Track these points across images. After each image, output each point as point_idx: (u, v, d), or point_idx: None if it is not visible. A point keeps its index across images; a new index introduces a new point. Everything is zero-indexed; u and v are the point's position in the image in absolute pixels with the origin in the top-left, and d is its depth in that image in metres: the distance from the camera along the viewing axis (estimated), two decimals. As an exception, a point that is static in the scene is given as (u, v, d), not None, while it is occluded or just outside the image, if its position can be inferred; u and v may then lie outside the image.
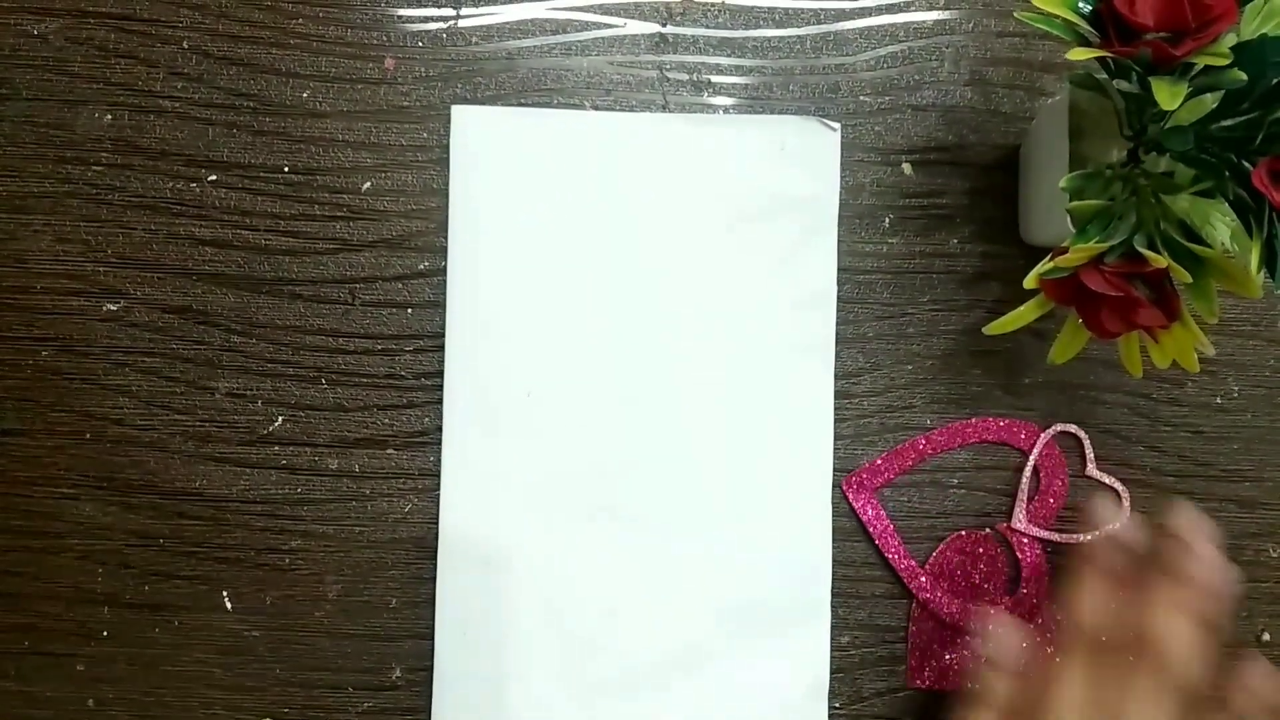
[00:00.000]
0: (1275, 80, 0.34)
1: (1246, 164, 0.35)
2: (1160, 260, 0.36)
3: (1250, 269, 0.36)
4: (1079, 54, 0.35)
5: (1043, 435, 0.48)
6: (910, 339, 0.48)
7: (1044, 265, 0.38)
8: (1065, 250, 0.38)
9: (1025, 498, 0.48)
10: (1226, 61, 0.34)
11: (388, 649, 0.47)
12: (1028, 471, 0.48)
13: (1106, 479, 0.48)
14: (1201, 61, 0.34)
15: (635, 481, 0.47)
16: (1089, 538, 0.47)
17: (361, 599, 0.47)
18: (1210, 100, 0.36)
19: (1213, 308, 0.38)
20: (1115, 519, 0.43)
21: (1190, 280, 0.37)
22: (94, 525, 0.47)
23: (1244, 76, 0.34)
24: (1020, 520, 0.47)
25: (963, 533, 0.48)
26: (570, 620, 0.47)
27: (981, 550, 0.48)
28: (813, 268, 0.48)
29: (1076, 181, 0.38)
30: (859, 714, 0.47)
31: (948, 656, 0.47)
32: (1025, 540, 0.47)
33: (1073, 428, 0.48)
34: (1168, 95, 0.34)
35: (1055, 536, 0.47)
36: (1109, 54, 0.35)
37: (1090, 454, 0.48)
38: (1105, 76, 0.39)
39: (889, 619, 0.48)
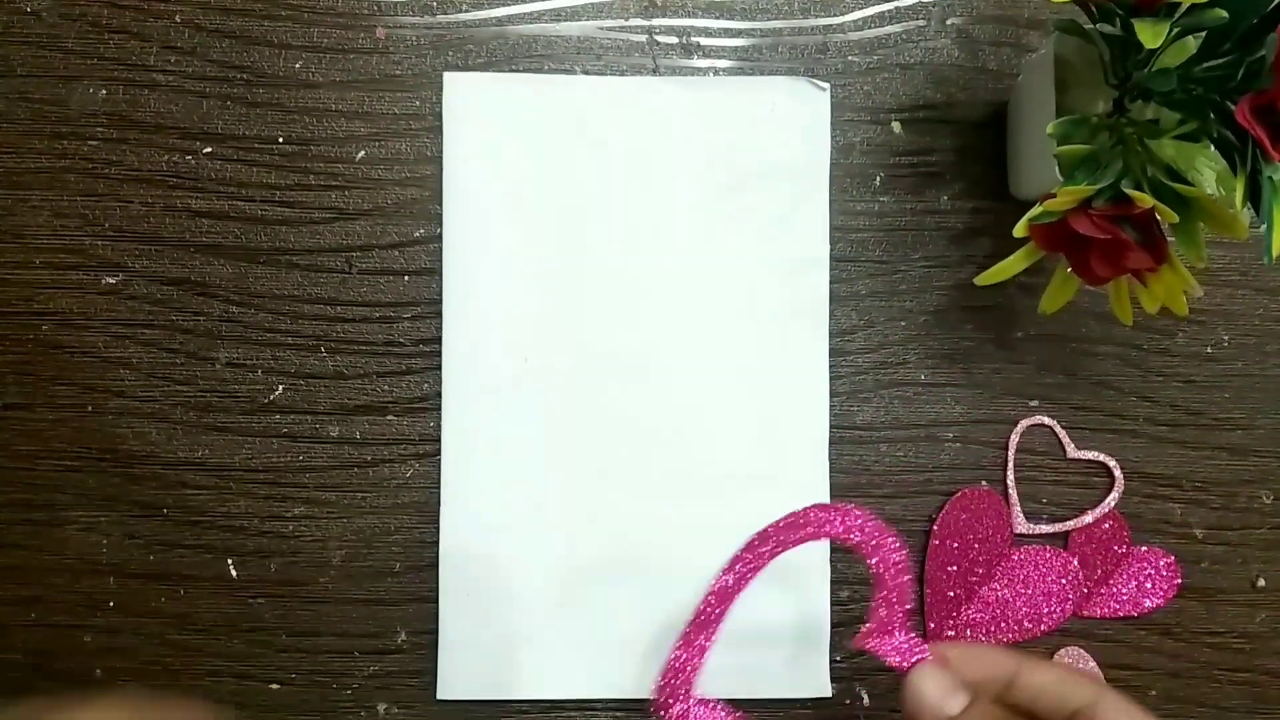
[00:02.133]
0: (1255, 19, 0.35)
1: (1229, 103, 0.36)
2: (1146, 200, 0.36)
3: (1236, 209, 0.36)
4: (1062, -3, 0.36)
5: (1015, 430, 0.48)
6: (903, 296, 0.49)
7: (1034, 211, 0.39)
8: (1054, 196, 0.38)
9: (1017, 499, 0.48)
10: None
11: (392, 613, 0.47)
12: (1010, 477, 0.48)
13: (1090, 455, 0.48)
14: (1185, 1, 0.35)
15: (634, 444, 0.47)
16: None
17: (365, 564, 0.47)
18: (1193, 43, 0.37)
19: (1200, 251, 0.38)
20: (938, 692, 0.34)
21: (1176, 220, 0.37)
22: (98, 497, 0.47)
23: (1225, 15, 0.34)
24: (1021, 525, 0.48)
25: (966, 490, 0.48)
26: (570, 581, 0.47)
27: (985, 506, 0.48)
28: (805, 229, 0.48)
29: (1063, 127, 0.38)
30: (859, 666, 0.48)
31: (964, 612, 0.48)
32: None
33: (1042, 419, 0.48)
34: (1150, 34, 0.34)
35: (1052, 529, 0.48)
36: (1092, -3, 0.36)
37: (1066, 439, 0.48)
38: (1091, 26, 0.39)
39: (888, 572, 0.48)
